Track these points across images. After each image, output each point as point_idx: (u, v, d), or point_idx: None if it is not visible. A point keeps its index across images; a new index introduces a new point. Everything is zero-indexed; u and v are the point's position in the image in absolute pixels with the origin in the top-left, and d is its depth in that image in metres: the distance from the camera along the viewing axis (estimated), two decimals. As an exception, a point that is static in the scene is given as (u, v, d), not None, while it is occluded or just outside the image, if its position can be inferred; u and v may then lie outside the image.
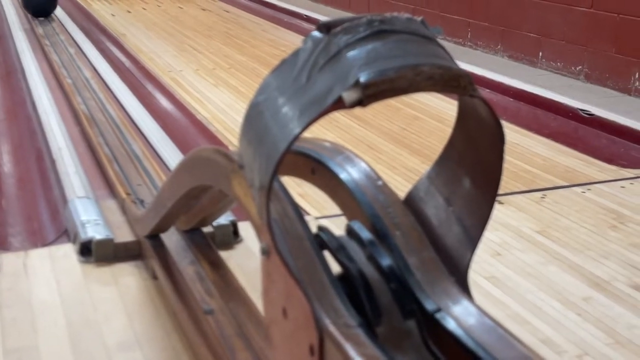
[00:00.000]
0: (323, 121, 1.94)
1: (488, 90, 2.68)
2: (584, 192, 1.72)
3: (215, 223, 1.39)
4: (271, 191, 0.55)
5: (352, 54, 0.51)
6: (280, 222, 0.63)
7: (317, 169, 0.75)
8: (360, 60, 0.50)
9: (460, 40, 4.06)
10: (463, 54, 3.77)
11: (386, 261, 0.61)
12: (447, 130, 0.71)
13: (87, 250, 1.37)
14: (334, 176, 0.72)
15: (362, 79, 0.49)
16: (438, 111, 2.40)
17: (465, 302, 0.57)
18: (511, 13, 3.69)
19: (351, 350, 0.52)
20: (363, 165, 0.74)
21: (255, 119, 0.54)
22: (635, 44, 2.98)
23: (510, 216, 1.59)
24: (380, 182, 0.70)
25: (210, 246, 1.30)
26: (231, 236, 1.42)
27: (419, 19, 0.54)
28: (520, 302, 1.24)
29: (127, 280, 1.30)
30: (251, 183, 0.56)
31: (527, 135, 2.19)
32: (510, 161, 1.93)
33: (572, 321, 1.19)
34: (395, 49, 0.51)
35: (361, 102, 0.48)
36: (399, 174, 1.83)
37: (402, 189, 0.82)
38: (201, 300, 1.15)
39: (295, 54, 0.53)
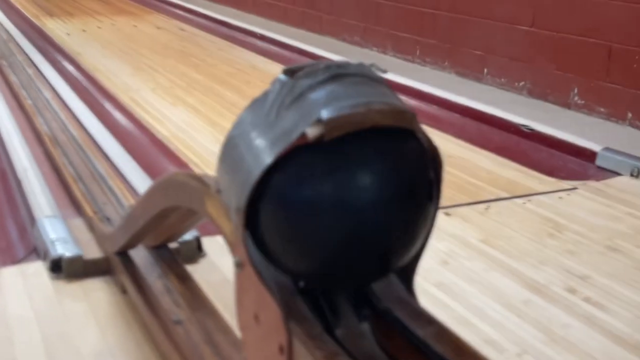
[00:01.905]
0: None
1: (435, 106, 2.81)
2: (524, 203, 1.85)
3: (180, 239, 1.47)
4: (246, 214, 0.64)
5: (313, 95, 0.60)
6: (251, 238, 0.72)
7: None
8: (321, 100, 0.60)
9: (410, 57, 4.20)
10: (412, 71, 3.90)
11: (344, 271, 0.70)
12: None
13: (57, 267, 1.43)
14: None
15: (323, 116, 0.58)
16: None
17: (410, 302, 0.67)
18: (457, 31, 3.84)
19: (315, 348, 0.62)
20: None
21: (232, 150, 0.63)
22: (574, 61, 3.15)
23: (457, 227, 1.70)
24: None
25: (176, 261, 1.38)
26: (195, 251, 1.50)
27: (370, 64, 0.64)
28: (465, 305, 1.34)
29: (97, 295, 1.37)
30: (228, 206, 0.65)
31: (472, 150, 2.31)
32: (456, 174, 2.05)
33: (513, 322, 1.30)
34: (350, 90, 0.61)
35: (323, 136, 0.58)
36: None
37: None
38: (170, 311, 1.23)
39: (265, 94, 0.63)
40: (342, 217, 0.63)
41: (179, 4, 5.42)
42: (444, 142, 2.38)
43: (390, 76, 2.33)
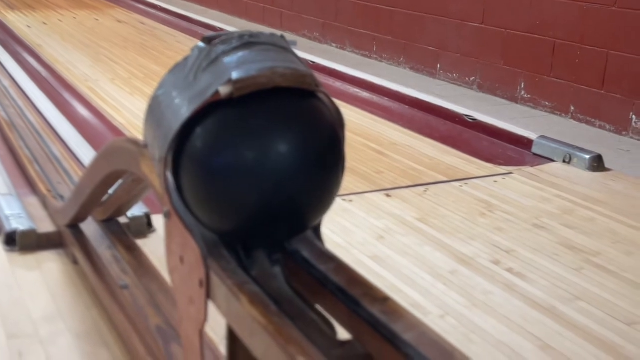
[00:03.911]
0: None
1: (387, 98, 2.91)
2: (461, 186, 1.96)
3: (130, 214, 1.55)
4: (169, 164, 0.73)
5: (227, 59, 0.69)
6: (177, 191, 0.81)
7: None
8: (232, 64, 0.69)
9: (367, 53, 4.31)
10: (369, 66, 4.02)
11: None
12: (350, 136, 0.88)
13: (11, 241, 1.50)
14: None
15: (234, 77, 0.67)
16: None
17: (317, 246, 0.77)
18: (413, 28, 3.96)
19: (227, 278, 0.71)
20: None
21: (155, 108, 0.72)
22: (521, 57, 3.28)
23: (396, 207, 1.80)
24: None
25: (125, 233, 1.46)
26: (145, 226, 1.58)
27: (280, 34, 0.74)
28: (397, 275, 1.44)
29: (50, 265, 1.45)
30: (153, 157, 0.74)
31: (418, 139, 2.42)
32: (400, 161, 2.16)
33: (439, 289, 1.40)
34: (259, 56, 0.70)
35: (232, 94, 0.67)
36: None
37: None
38: (117, 277, 1.31)
39: (186, 59, 0.72)
40: (256, 176, 0.69)
41: (141, -2, 5.47)
42: (392, 132, 2.49)
43: (347, 70, 2.43)
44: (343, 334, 0.73)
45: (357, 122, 2.56)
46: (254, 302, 0.68)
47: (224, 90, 0.67)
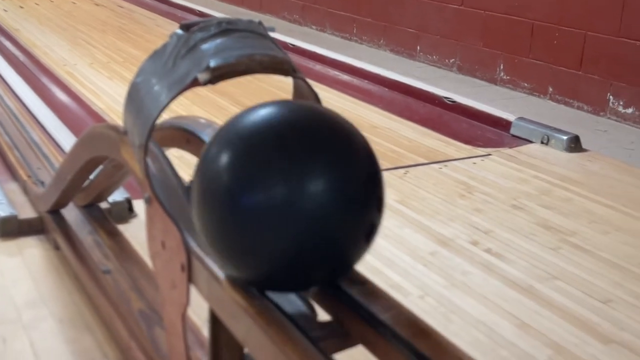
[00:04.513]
0: (212, 107, 2.14)
1: (367, 81, 2.92)
2: (440, 168, 1.98)
3: (111, 200, 1.55)
4: (148, 149, 0.74)
5: (205, 46, 0.70)
6: (159, 176, 0.82)
7: (190, 139, 0.94)
8: (210, 51, 0.69)
9: (347, 35, 4.31)
10: (349, 48, 4.01)
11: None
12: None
13: (-8, 227, 1.51)
14: (204, 143, 0.91)
15: (212, 64, 0.68)
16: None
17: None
18: (392, 10, 3.96)
19: (210, 262, 0.72)
20: (227, 135, 0.93)
21: (135, 95, 0.73)
22: (500, 38, 3.29)
23: (376, 189, 1.81)
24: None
25: (106, 218, 1.47)
26: (126, 211, 1.59)
27: (258, 21, 0.74)
28: (376, 257, 1.46)
29: (31, 251, 1.45)
30: (133, 144, 0.74)
31: (397, 121, 2.43)
32: (380, 143, 2.17)
33: (418, 271, 1.42)
34: (237, 43, 0.71)
35: (211, 81, 0.68)
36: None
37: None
38: (99, 262, 1.32)
39: (164, 45, 0.72)
40: (290, 216, 0.63)
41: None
42: (372, 114, 2.50)
43: (327, 53, 2.42)
44: (323, 315, 0.74)
45: (337, 105, 2.56)
46: (235, 285, 0.69)
47: (203, 77, 0.68)
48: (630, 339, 1.22)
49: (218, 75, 0.68)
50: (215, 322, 0.81)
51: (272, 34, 0.74)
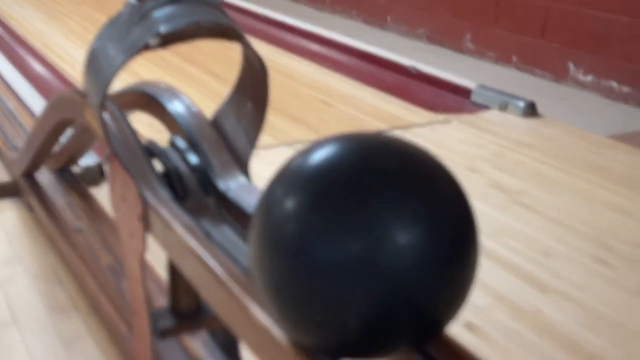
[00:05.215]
0: (184, 77, 2.20)
1: (336, 51, 2.99)
2: (401, 133, 2.06)
3: (84, 164, 1.62)
4: (108, 110, 0.81)
5: (156, 14, 0.78)
6: (119, 136, 0.89)
7: (151, 103, 1.02)
8: (161, 18, 0.77)
9: (321, 7, 4.37)
10: (323, 20, 4.07)
11: (194, 159, 0.89)
12: (293, 84, 0.97)
13: (-32, 191, 1.58)
14: (163, 106, 0.99)
15: (162, 30, 0.76)
16: (289, 69, 2.68)
17: (245, 184, 0.86)
18: (364, -19, 4.02)
19: (164, 212, 0.80)
20: (185, 98, 1.01)
21: (93, 59, 0.80)
22: (467, 8, 3.37)
23: (339, 154, 1.89)
24: (195, 109, 0.97)
25: (78, 181, 1.54)
26: (98, 175, 1.66)
27: (205, -9, 0.82)
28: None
29: (6, 214, 1.52)
30: (92, 104, 0.82)
31: (363, 90, 2.51)
32: (344, 110, 2.25)
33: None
34: (186, 11, 0.78)
35: (161, 45, 0.76)
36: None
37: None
38: (71, 223, 1.40)
39: (119, 14, 0.80)
40: (369, 274, 0.54)
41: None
42: (340, 83, 2.58)
43: (297, 24, 2.49)
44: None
45: (306, 75, 2.64)
46: (185, 230, 0.77)
47: (153, 42, 0.75)
48: (566, 288, 1.32)
49: (167, 40, 0.75)
50: (172, 269, 0.90)
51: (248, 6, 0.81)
